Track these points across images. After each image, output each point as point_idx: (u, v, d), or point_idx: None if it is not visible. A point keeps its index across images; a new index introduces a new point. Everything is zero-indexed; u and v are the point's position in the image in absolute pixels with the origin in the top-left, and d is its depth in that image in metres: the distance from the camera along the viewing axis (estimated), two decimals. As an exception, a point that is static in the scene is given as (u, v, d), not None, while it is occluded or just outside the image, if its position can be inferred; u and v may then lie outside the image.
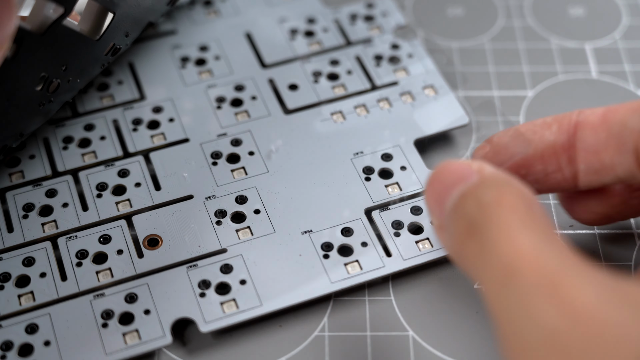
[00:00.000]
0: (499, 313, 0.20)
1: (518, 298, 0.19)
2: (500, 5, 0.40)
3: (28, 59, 0.26)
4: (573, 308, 0.18)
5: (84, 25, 0.30)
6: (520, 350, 0.19)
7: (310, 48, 0.36)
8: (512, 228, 0.20)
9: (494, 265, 0.20)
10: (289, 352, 0.28)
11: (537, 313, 0.19)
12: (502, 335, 0.20)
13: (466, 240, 0.21)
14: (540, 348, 0.18)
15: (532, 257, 0.20)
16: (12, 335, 0.27)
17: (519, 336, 0.19)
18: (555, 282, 0.19)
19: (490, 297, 0.20)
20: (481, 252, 0.21)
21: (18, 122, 0.29)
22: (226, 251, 0.30)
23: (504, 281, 0.20)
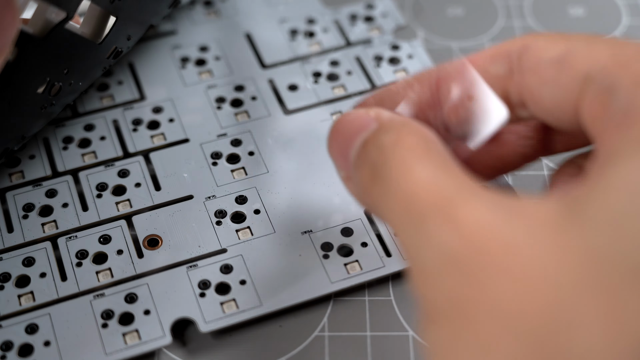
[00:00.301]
0: (403, 245, 0.20)
1: (417, 225, 0.20)
2: (500, 5, 0.40)
3: (30, 63, 0.26)
4: (468, 228, 0.19)
5: (85, 28, 0.30)
6: (422, 275, 0.19)
7: (310, 48, 0.36)
8: (409, 164, 0.21)
9: (396, 201, 0.21)
10: (289, 352, 0.28)
11: (433, 236, 0.19)
12: (409, 264, 0.20)
13: (371, 186, 0.22)
14: (439, 271, 0.19)
15: (428, 185, 0.20)
16: (12, 336, 0.27)
17: (420, 261, 0.19)
18: (450, 205, 0.19)
19: (397, 232, 0.21)
20: (385, 193, 0.21)
21: (20, 125, 0.29)
22: (226, 251, 0.30)
23: (404, 213, 0.20)
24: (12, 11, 0.23)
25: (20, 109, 0.28)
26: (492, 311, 0.18)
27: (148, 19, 0.33)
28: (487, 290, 0.18)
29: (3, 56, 0.23)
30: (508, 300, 0.18)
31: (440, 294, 0.19)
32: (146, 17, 0.33)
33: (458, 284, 0.18)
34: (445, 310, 0.19)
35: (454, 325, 0.18)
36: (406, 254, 0.20)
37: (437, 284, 0.19)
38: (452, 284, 0.19)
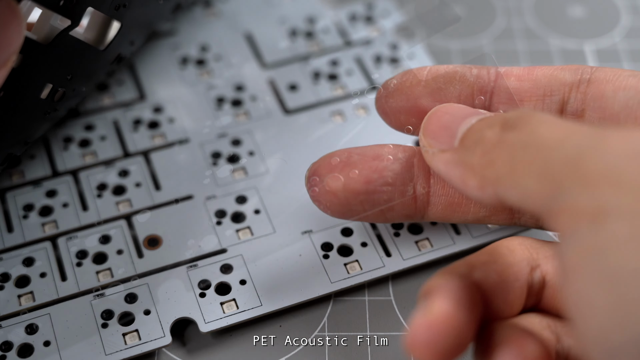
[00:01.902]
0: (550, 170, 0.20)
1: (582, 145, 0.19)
2: (500, 6, 0.40)
3: (34, 69, 0.26)
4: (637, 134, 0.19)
5: (89, 34, 0.30)
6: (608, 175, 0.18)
7: (310, 48, 0.36)
8: (554, 118, 0.21)
9: (550, 134, 0.20)
10: (289, 352, 0.28)
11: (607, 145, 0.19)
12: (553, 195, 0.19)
13: (507, 135, 0.21)
14: (626, 166, 0.18)
15: (582, 126, 0.20)
16: (12, 336, 0.27)
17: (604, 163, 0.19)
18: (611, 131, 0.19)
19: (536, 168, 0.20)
20: (527, 134, 0.21)
21: (23, 131, 0.29)
22: (226, 251, 0.30)
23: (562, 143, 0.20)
24: (17, 22, 0.23)
25: (23, 115, 0.28)
26: None
27: (151, 24, 0.33)
28: None
29: (8, 67, 0.24)
30: None
31: (626, 190, 0.18)
32: (149, 22, 0.33)
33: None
34: (633, 205, 0.18)
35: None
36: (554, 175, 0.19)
37: (622, 181, 0.18)
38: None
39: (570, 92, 0.26)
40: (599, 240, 0.18)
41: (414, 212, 0.28)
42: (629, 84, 0.25)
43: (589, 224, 0.18)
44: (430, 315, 0.22)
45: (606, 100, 0.25)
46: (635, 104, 0.25)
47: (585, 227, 0.18)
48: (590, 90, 0.26)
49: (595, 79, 0.26)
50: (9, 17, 0.23)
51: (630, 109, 0.25)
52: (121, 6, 0.29)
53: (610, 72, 0.26)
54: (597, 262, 0.18)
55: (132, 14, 0.30)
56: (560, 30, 0.39)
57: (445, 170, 0.24)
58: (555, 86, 0.26)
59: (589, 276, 0.18)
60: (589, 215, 0.18)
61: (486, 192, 0.22)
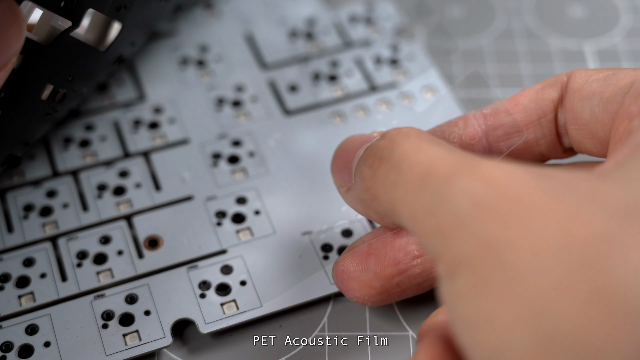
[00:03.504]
0: (417, 211, 0.20)
1: (438, 187, 0.20)
2: (499, 6, 0.40)
3: (35, 70, 0.27)
4: (498, 180, 0.19)
5: (90, 35, 0.30)
6: (447, 227, 0.19)
7: (310, 49, 0.37)
8: (421, 145, 0.22)
9: (410, 173, 0.21)
10: (289, 352, 0.28)
11: (461, 189, 0.19)
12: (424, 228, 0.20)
13: (378, 169, 0.22)
14: (468, 218, 0.19)
15: (446, 157, 0.21)
16: (12, 336, 0.27)
17: (446, 214, 0.19)
18: (475, 165, 0.20)
19: (407, 204, 0.21)
20: (396, 170, 0.22)
21: (24, 132, 0.29)
22: (226, 252, 0.30)
23: (421, 182, 0.20)
24: (18, 23, 0.23)
25: (24, 116, 0.28)
26: (529, 244, 0.18)
27: (152, 25, 0.33)
28: (521, 226, 0.18)
29: (9, 68, 0.24)
30: (548, 234, 0.18)
31: (469, 240, 0.19)
32: (150, 23, 0.33)
33: (488, 225, 0.18)
34: (473, 254, 0.18)
35: (484, 267, 0.18)
36: (418, 219, 0.20)
37: (465, 230, 0.19)
38: (482, 226, 0.18)
39: (557, 108, 0.27)
40: (453, 291, 0.19)
41: None
42: (592, 90, 0.25)
43: (447, 276, 0.19)
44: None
45: (577, 112, 0.26)
46: (600, 111, 0.25)
47: (445, 278, 0.19)
48: (567, 102, 0.26)
49: (570, 88, 0.26)
50: (9, 18, 0.23)
51: (597, 117, 0.25)
52: (122, 7, 0.29)
53: (579, 78, 0.26)
54: (454, 310, 0.19)
55: (133, 15, 0.30)
56: (560, 30, 0.39)
57: (353, 208, 0.25)
58: (544, 107, 0.27)
59: (454, 321, 0.19)
60: (448, 266, 0.19)
61: (387, 223, 0.24)
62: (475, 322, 0.18)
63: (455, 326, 0.19)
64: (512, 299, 0.18)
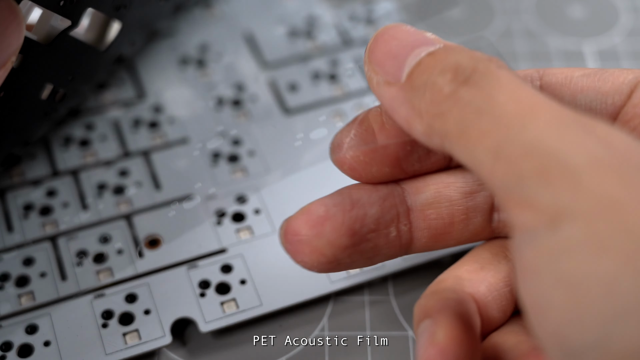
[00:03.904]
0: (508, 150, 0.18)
1: (544, 134, 0.18)
2: (499, 6, 0.40)
3: (34, 69, 0.27)
4: (612, 139, 0.18)
5: (89, 34, 0.30)
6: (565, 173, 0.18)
7: (311, 48, 0.37)
8: (520, 81, 0.20)
9: (507, 109, 0.19)
10: (289, 352, 0.28)
11: (574, 143, 0.18)
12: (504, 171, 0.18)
13: (460, 89, 0.20)
14: (587, 171, 0.17)
15: (551, 104, 0.19)
16: (12, 336, 0.27)
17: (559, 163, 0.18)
18: (585, 122, 0.18)
19: (494, 141, 0.19)
20: (486, 99, 0.19)
21: (23, 131, 0.29)
22: (226, 251, 0.30)
23: (521, 122, 0.19)
24: (17, 22, 0.23)
25: (24, 115, 0.28)
26: None
27: (152, 24, 0.33)
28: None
29: (8, 67, 0.24)
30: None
31: (586, 194, 0.17)
32: (150, 22, 0.33)
33: (613, 186, 0.17)
34: (593, 210, 0.17)
35: (605, 225, 0.17)
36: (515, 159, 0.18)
37: (582, 185, 0.17)
38: (604, 185, 0.17)
39: None
40: (555, 243, 0.17)
41: (398, 251, 0.25)
42: (584, 85, 0.24)
43: (546, 225, 0.18)
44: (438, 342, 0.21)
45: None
46: (599, 105, 0.24)
47: (543, 227, 0.18)
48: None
49: (546, 84, 0.24)
50: (9, 18, 0.23)
51: (595, 111, 0.24)
52: (122, 7, 0.29)
53: (560, 74, 0.24)
54: (553, 265, 0.17)
55: (133, 14, 0.30)
56: (560, 30, 0.39)
57: (390, 105, 0.22)
58: None
59: (545, 279, 0.18)
60: (548, 215, 0.18)
61: (433, 141, 0.21)
62: (591, 280, 0.17)
63: (546, 288, 0.17)
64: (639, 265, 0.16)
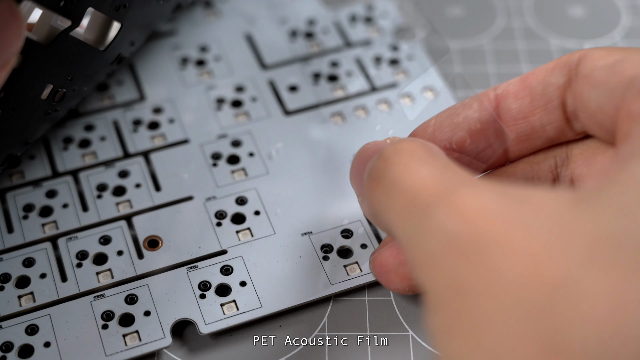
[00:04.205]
0: (404, 239, 0.21)
1: (419, 216, 0.20)
2: (499, 6, 0.40)
3: (34, 69, 0.26)
4: (470, 213, 0.19)
5: (89, 34, 0.30)
6: (423, 264, 0.20)
7: (310, 49, 0.36)
8: (410, 164, 0.22)
9: (398, 198, 0.21)
10: (289, 352, 0.28)
11: (436, 223, 0.20)
12: (410, 257, 0.21)
13: (375, 190, 0.23)
14: (440, 256, 0.19)
15: (430, 179, 0.21)
16: (12, 336, 0.27)
17: (421, 251, 0.20)
18: (453, 194, 0.20)
19: (397, 230, 0.21)
20: (387, 194, 0.22)
21: (23, 131, 0.29)
22: (226, 252, 0.30)
23: (406, 208, 0.21)
24: (17, 23, 0.23)
25: (23, 115, 0.28)
26: (493, 288, 0.18)
27: (151, 24, 0.33)
28: (488, 269, 0.18)
29: (9, 68, 0.24)
30: (511, 277, 0.18)
31: (441, 280, 0.19)
32: (150, 22, 0.33)
33: (458, 266, 0.19)
34: (445, 295, 0.19)
35: (453, 308, 0.19)
36: (406, 246, 0.21)
37: (438, 270, 0.19)
38: (452, 267, 0.19)
39: (564, 93, 0.26)
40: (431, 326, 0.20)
41: None
42: (600, 79, 0.24)
43: (428, 308, 0.20)
44: None
45: (585, 100, 0.25)
46: (605, 102, 0.24)
47: (427, 309, 0.20)
48: (576, 88, 0.25)
49: (579, 74, 0.25)
50: (9, 18, 0.23)
51: (602, 109, 0.24)
52: (121, 7, 0.29)
53: (590, 62, 0.25)
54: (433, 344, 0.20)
55: (133, 14, 0.30)
56: (560, 30, 0.39)
57: (367, 218, 0.26)
58: (550, 92, 0.26)
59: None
60: (427, 299, 0.20)
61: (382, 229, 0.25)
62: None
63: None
64: (478, 347, 0.18)
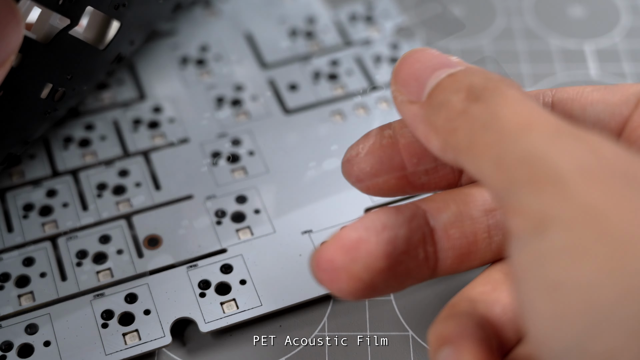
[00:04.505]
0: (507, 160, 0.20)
1: (539, 143, 0.19)
2: (499, 6, 0.40)
3: (33, 68, 0.26)
4: (601, 149, 0.19)
5: (88, 33, 0.30)
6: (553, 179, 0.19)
7: (310, 48, 0.36)
8: (525, 97, 0.21)
9: (509, 122, 0.20)
10: (289, 352, 0.28)
11: (564, 151, 0.19)
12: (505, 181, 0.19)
13: (471, 106, 0.21)
14: (574, 179, 0.18)
15: (548, 116, 0.20)
16: (12, 336, 0.27)
17: (549, 170, 0.19)
18: (578, 134, 0.19)
19: (495, 152, 0.20)
20: (492, 114, 0.21)
21: (23, 131, 0.29)
22: (226, 251, 0.30)
23: (520, 134, 0.20)
24: (16, 21, 0.23)
25: (23, 115, 0.28)
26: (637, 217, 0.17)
27: (151, 23, 0.33)
28: (634, 203, 0.18)
29: (7, 66, 0.24)
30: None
31: (571, 202, 0.18)
32: (149, 21, 0.33)
33: (597, 195, 0.18)
34: (576, 218, 0.18)
35: (587, 232, 0.18)
36: (511, 168, 0.19)
37: (568, 193, 0.18)
38: (590, 194, 0.18)
39: None
40: (539, 249, 0.18)
41: (427, 273, 0.25)
42: (594, 98, 0.25)
43: (533, 231, 0.18)
44: None
45: (575, 119, 0.25)
46: (607, 116, 0.24)
47: (530, 233, 0.18)
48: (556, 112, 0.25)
49: (558, 100, 0.25)
50: (7, 17, 0.23)
51: (603, 122, 0.24)
52: (121, 5, 0.29)
53: (571, 90, 0.25)
54: (537, 271, 0.18)
55: (132, 13, 0.30)
56: (560, 30, 0.39)
57: (411, 123, 0.23)
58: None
59: (530, 283, 0.18)
60: (535, 221, 0.18)
61: (447, 155, 0.22)
62: (570, 286, 0.17)
63: (531, 292, 0.18)
64: (619, 270, 0.17)
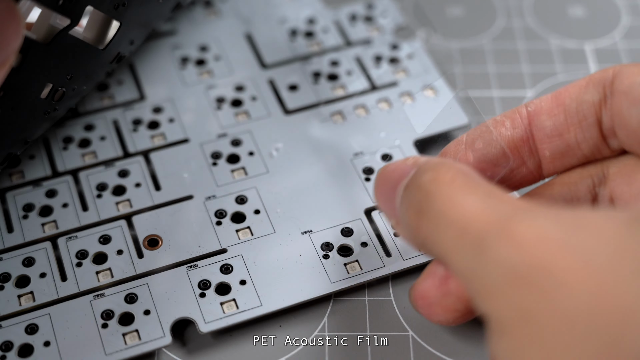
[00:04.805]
0: (461, 269, 0.21)
1: (474, 247, 0.20)
2: (500, 6, 0.40)
3: (33, 68, 0.26)
4: (529, 243, 0.19)
5: (88, 33, 0.30)
6: (484, 293, 0.20)
7: (310, 48, 0.36)
8: (454, 197, 0.22)
9: (447, 231, 0.21)
10: (289, 352, 0.28)
11: (494, 255, 0.20)
12: (469, 286, 0.21)
13: (418, 224, 0.23)
14: (503, 287, 0.19)
15: (480, 210, 0.21)
16: (12, 336, 0.27)
17: (481, 281, 0.20)
18: (508, 224, 0.20)
19: (451, 261, 0.21)
20: (434, 226, 0.22)
21: (23, 130, 0.29)
22: (226, 251, 0.30)
23: (458, 240, 0.21)
24: (16, 22, 0.23)
25: (23, 114, 0.28)
26: (563, 317, 0.18)
27: (151, 23, 0.33)
28: (554, 298, 0.18)
29: (7, 66, 0.24)
30: (577, 306, 0.18)
31: (506, 308, 0.19)
32: (149, 21, 0.33)
33: (523, 296, 0.19)
34: (511, 322, 0.19)
35: (522, 334, 0.19)
36: (463, 277, 0.21)
37: (502, 300, 0.19)
38: (518, 297, 0.19)
39: (600, 110, 0.25)
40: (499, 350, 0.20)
41: None
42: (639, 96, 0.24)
43: (494, 333, 0.20)
44: None
45: (624, 118, 0.24)
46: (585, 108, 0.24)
47: (493, 334, 0.20)
48: (613, 105, 0.25)
49: (615, 91, 0.25)
50: (7, 17, 0.23)
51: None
52: (120, 5, 0.29)
53: (626, 79, 0.25)
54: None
55: (132, 13, 0.30)
56: (560, 30, 0.39)
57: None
58: (585, 109, 0.25)
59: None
60: (493, 325, 0.20)
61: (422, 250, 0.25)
62: None
63: None
64: None
